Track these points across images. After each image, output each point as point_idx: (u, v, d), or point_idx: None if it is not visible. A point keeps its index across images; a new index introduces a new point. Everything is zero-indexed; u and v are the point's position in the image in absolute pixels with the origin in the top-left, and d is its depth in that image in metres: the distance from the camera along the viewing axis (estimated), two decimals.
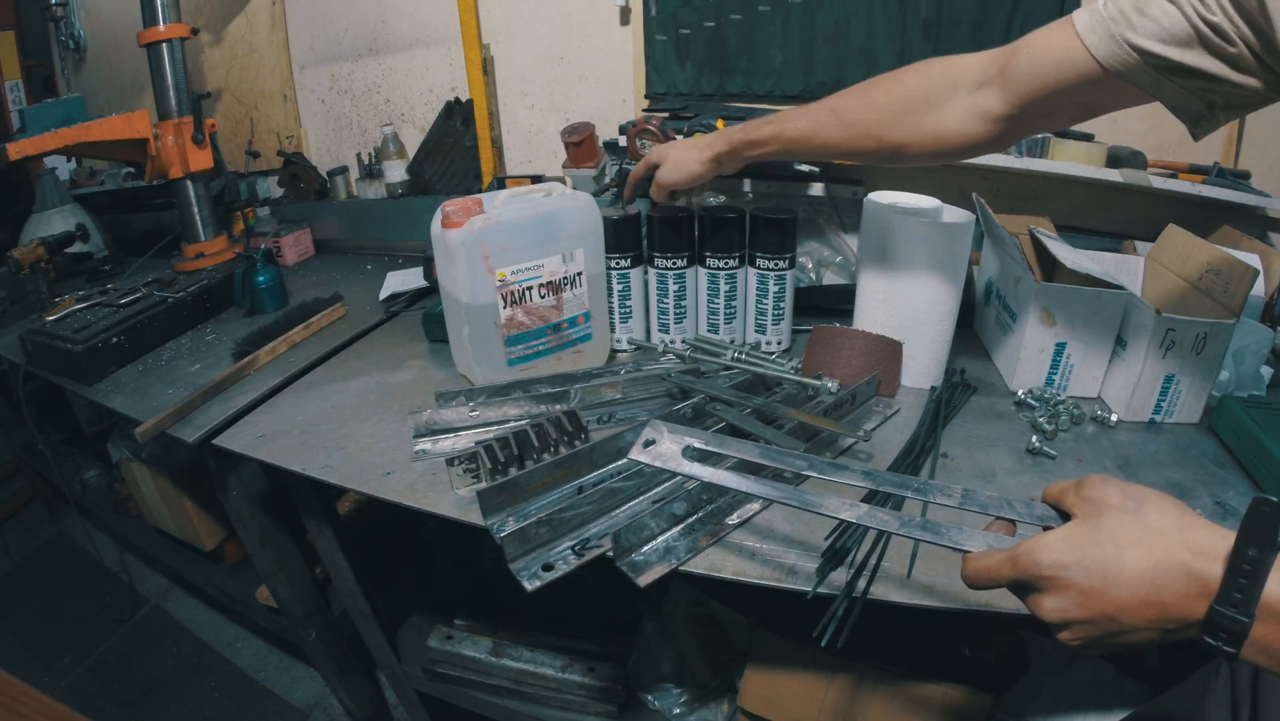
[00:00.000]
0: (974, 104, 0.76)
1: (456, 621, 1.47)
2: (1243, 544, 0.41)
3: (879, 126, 0.82)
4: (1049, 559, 0.47)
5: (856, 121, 0.83)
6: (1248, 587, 0.41)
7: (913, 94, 0.79)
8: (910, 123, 0.80)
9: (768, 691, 1.14)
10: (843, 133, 0.84)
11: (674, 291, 1.21)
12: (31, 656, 2.01)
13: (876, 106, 0.81)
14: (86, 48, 2.32)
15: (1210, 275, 0.98)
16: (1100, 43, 0.65)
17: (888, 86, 0.82)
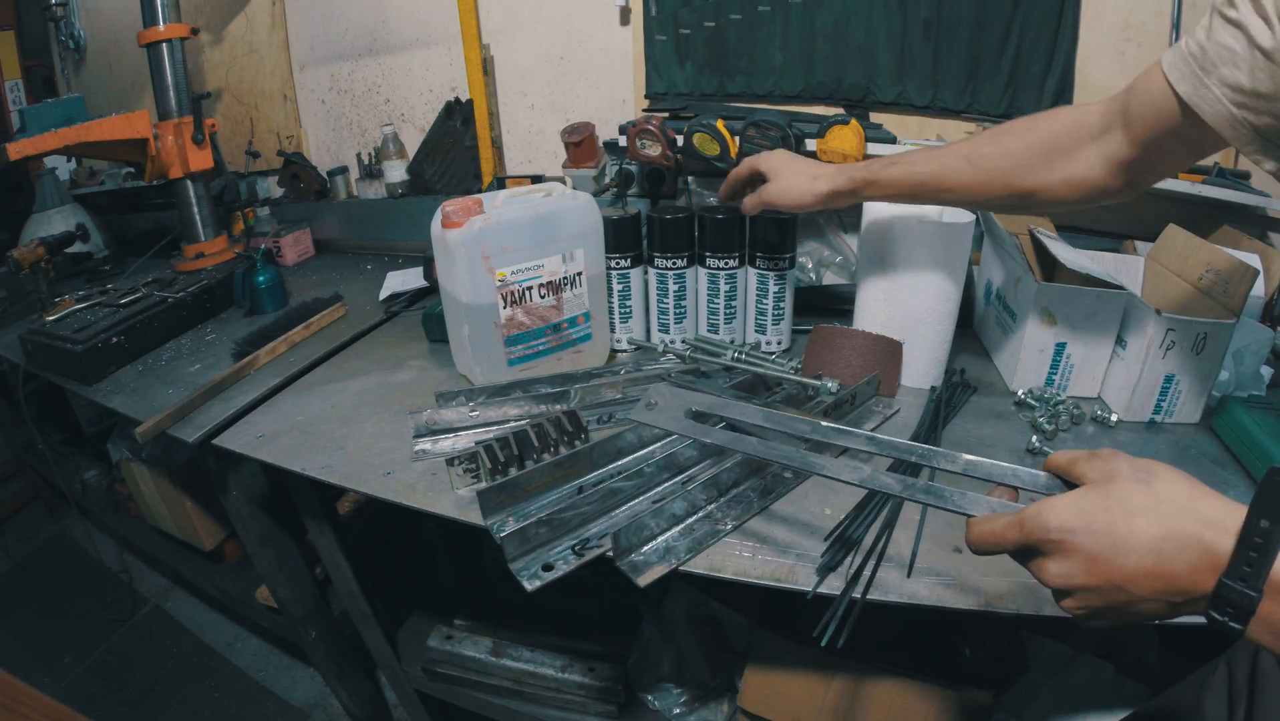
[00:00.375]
0: (1101, 150, 0.76)
1: (456, 621, 1.47)
2: (1255, 515, 0.41)
3: (1011, 172, 0.80)
4: (1057, 521, 0.46)
5: (991, 167, 0.82)
6: (1258, 561, 0.40)
7: (1044, 140, 0.79)
8: (1042, 168, 0.79)
9: (768, 691, 1.14)
10: (975, 177, 0.83)
11: (674, 291, 1.21)
12: (31, 656, 2.01)
13: (1010, 153, 0.80)
14: (86, 48, 2.32)
15: (1210, 275, 0.98)
16: (1182, 79, 0.65)
17: (1018, 133, 0.80)
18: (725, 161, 1.37)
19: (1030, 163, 0.79)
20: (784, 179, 0.97)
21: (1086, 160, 0.76)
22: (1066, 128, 0.77)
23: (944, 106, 1.43)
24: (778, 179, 0.98)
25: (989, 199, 0.84)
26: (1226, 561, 0.42)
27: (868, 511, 0.82)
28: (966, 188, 0.84)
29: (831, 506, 0.85)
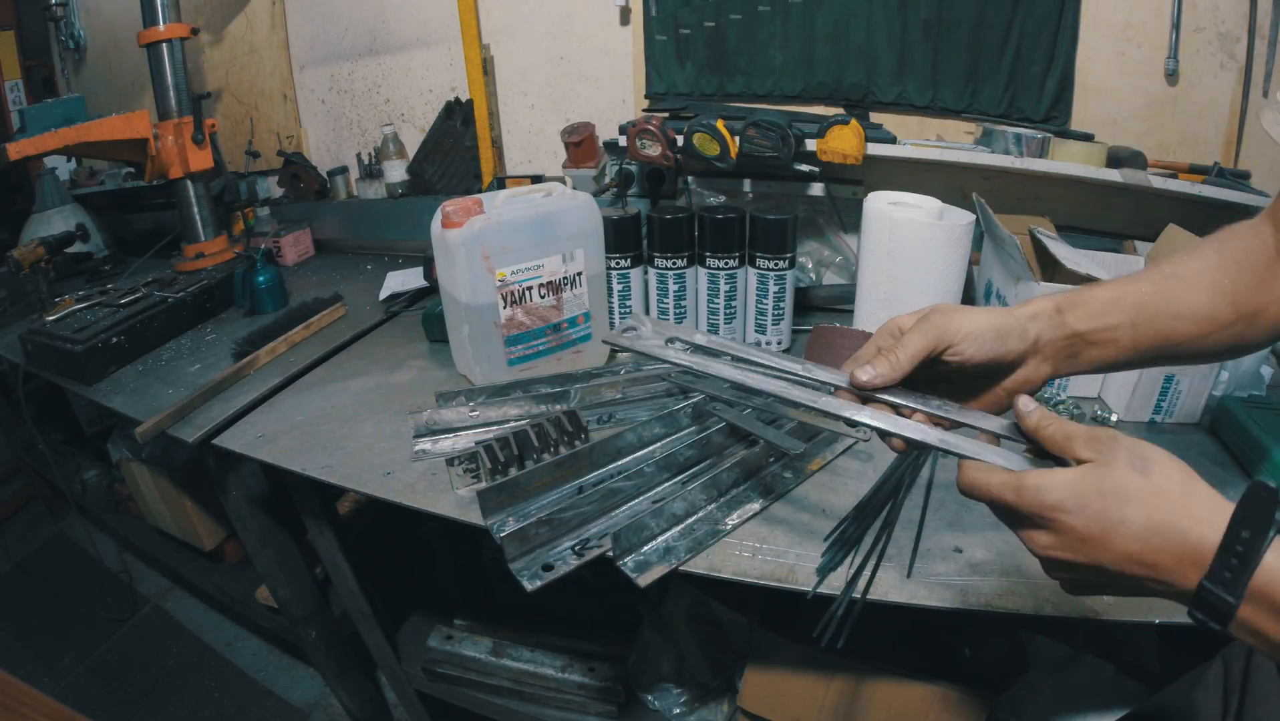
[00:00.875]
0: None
1: (456, 621, 1.47)
2: (1237, 526, 0.42)
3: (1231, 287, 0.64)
4: (1053, 499, 0.47)
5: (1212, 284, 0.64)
6: (1238, 568, 0.41)
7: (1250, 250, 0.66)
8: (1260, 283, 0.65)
9: (768, 691, 1.14)
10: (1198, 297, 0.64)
11: (674, 291, 1.21)
12: (31, 656, 2.01)
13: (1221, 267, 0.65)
14: (86, 48, 2.32)
15: None
16: None
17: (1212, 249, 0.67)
18: (725, 161, 1.37)
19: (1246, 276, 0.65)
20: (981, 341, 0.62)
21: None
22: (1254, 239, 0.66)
23: (944, 106, 1.43)
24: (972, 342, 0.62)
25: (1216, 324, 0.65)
26: (1209, 562, 0.43)
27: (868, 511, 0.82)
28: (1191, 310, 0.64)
29: (831, 506, 0.85)
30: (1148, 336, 0.64)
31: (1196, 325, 0.64)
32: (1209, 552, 0.43)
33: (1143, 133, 1.32)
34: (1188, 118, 1.29)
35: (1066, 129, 1.35)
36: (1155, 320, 0.64)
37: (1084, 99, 1.34)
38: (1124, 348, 0.64)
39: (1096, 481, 0.46)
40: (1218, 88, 1.25)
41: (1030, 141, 1.30)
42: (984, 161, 1.32)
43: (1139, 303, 0.64)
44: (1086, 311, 0.63)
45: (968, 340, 0.59)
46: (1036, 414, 0.53)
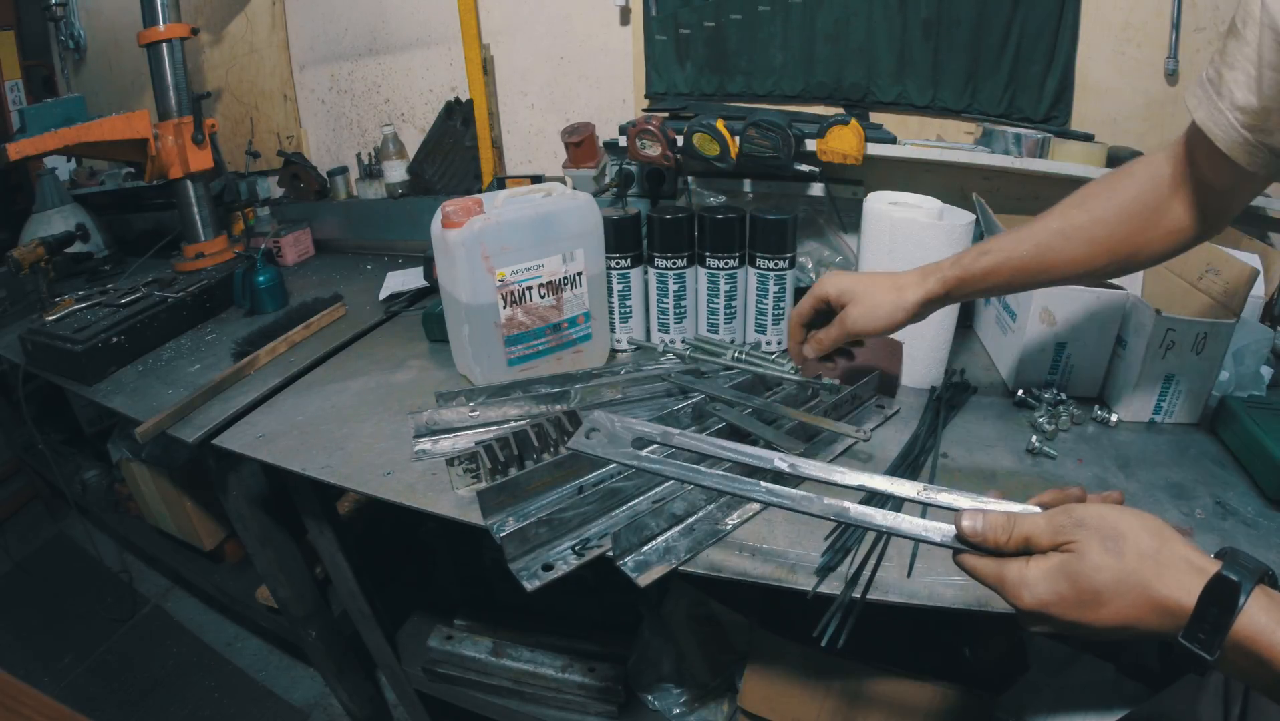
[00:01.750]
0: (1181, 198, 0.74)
1: (456, 621, 1.47)
2: (1204, 603, 0.45)
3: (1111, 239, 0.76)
4: (1030, 600, 0.50)
5: (1089, 237, 0.76)
6: (1211, 632, 0.45)
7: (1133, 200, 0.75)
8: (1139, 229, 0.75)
9: (768, 691, 1.14)
10: (1076, 251, 0.76)
11: (674, 291, 1.21)
12: (31, 656, 2.01)
13: (1104, 219, 0.76)
14: (86, 48, 2.32)
15: (1210, 275, 0.98)
16: (1199, 105, 0.65)
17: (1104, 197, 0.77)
18: (725, 161, 1.37)
19: (1127, 226, 0.75)
20: (864, 302, 0.82)
21: (1174, 212, 0.74)
22: (1146, 184, 0.75)
23: (944, 106, 1.43)
24: (857, 303, 0.82)
25: (1093, 270, 0.78)
26: (1184, 624, 0.46)
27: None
28: (1069, 262, 0.77)
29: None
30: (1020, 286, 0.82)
31: (1070, 272, 0.78)
32: (1185, 614, 0.46)
33: (1143, 133, 1.32)
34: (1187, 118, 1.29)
35: (1066, 129, 1.35)
36: (1031, 277, 0.79)
37: (1084, 99, 1.34)
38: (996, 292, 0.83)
39: (1071, 576, 0.49)
40: None
41: (1030, 141, 1.30)
42: (984, 161, 1.32)
43: (1020, 267, 0.78)
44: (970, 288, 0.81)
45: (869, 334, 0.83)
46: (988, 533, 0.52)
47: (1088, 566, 0.48)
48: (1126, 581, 0.47)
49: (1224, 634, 0.44)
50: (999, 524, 0.52)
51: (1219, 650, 0.44)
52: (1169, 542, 0.48)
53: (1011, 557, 0.52)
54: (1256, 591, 0.44)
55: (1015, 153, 1.31)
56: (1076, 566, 0.48)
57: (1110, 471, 0.90)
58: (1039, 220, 0.79)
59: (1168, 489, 0.86)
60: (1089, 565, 0.48)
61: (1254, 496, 0.84)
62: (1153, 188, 0.74)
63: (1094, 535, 0.49)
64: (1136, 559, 0.47)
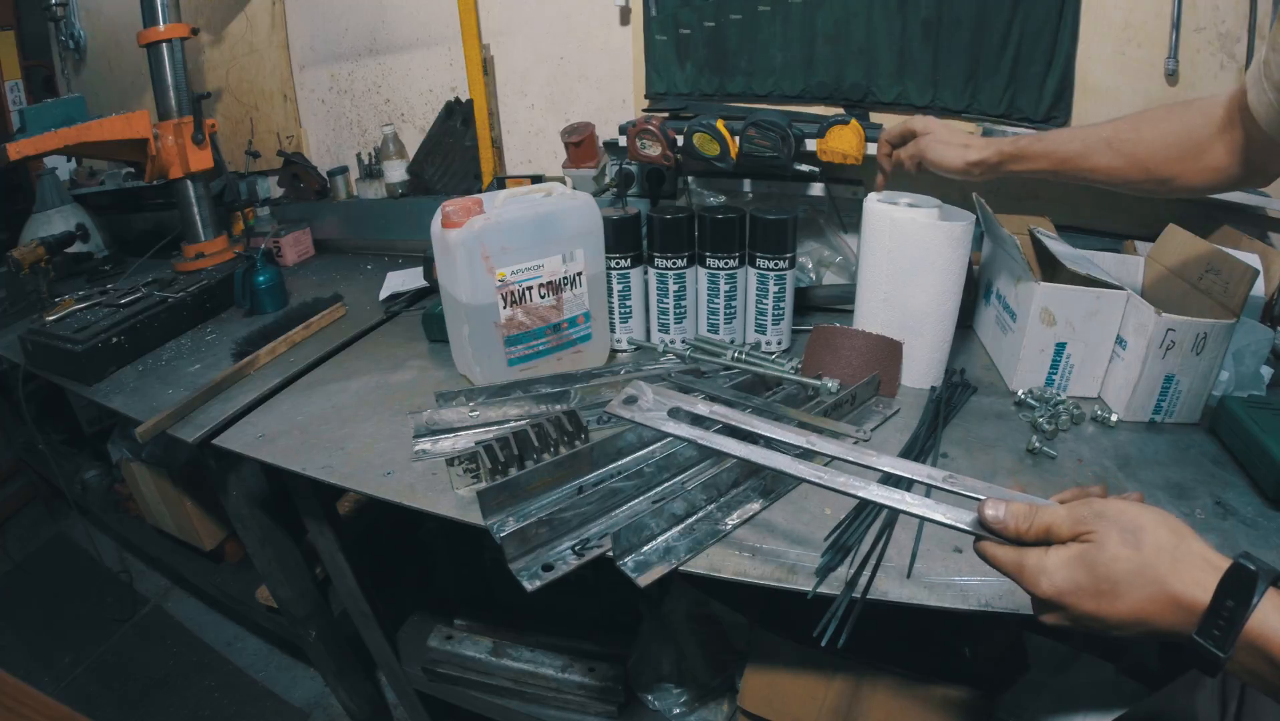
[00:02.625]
0: (1227, 142, 0.81)
1: (456, 621, 1.47)
2: (1221, 595, 0.45)
3: (1150, 160, 0.86)
4: (1048, 587, 0.51)
5: (1131, 153, 0.87)
6: (1225, 628, 0.45)
7: (1180, 132, 0.84)
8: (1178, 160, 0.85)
9: (768, 691, 1.14)
10: (1116, 161, 0.88)
11: (674, 291, 1.21)
12: (31, 656, 2.01)
13: (1149, 141, 0.86)
14: (86, 48, 2.32)
15: (1210, 275, 0.98)
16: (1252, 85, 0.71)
17: (1157, 123, 0.86)
18: (725, 161, 1.37)
19: (1168, 153, 0.85)
20: (941, 138, 1.01)
21: (1216, 153, 0.82)
22: (1201, 121, 0.82)
23: (944, 106, 1.43)
24: (934, 135, 1.02)
25: (1127, 182, 0.89)
26: (1198, 620, 0.46)
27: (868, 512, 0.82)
28: (1107, 169, 0.89)
29: (831, 506, 0.85)
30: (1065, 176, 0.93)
31: (1107, 178, 0.90)
32: (1199, 611, 0.46)
33: None
34: None
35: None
36: (1074, 171, 0.92)
37: (1084, 99, 1.34)
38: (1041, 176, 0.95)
39: (1089, 564, 0.49)
40: (1218, 88, 1.24)
41: None
42: None
43: (1065, 158, 0.92)
44: (1023, 164, 0.95)
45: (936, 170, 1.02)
46: (1010, 521, 0.53)
47: (1106, 556, 0.48)
48: (1143, 574, 0.47)
49: (1238, 629, 0.44)
50: (1021, 512, 0.53)
51: (1232, 647, 0.44)
52: (1186, 539, 0.49)
53: (1031, 546, 0.52)
54: (1271, 592, 0.44)
55: None
56: (1095, 555, 0.49)
57: (1110, 471, 0.90)
58: (1094, 127, 0.90)
59: (1168, 489, 0.86)
60: (1107, 555, 0.48)
61: (1254, 496, 0.84)
62: (1202, 124, 0.82)
63: (1113, 526, 0.49)
64: (1154, 552, 0.48)
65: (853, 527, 0.79)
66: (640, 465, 0.87)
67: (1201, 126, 0.82)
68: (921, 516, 0.56)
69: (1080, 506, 0.52)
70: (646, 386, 0.67)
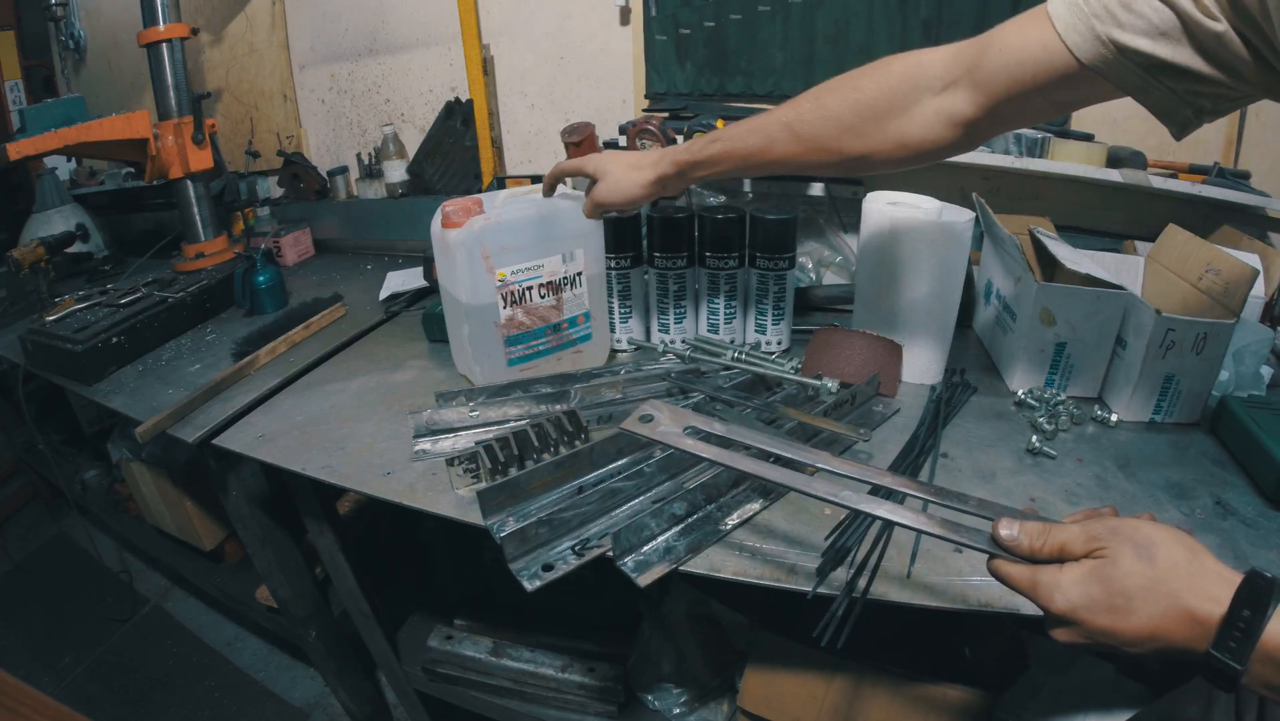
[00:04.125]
0: (940, 107, 0.71)
1: (456, 621, 1.47)
2: (1238, 606, 0.45)
3: (838, 138, 0.75)
4: (1062, 603, 0.50)
5: (815, 135, 0.76)
6: (1241, 640, 0.45)
7: (872, 100, 0.73)
8: (873, 131, 0.73)
9: (768, 691, 1.14)
10: (798, 146, 0.77)
11: (674, 291, 1.21)
12: (31, 656, 2.01)
13: (834, 117, 0.75)
14: (86, 48, 2.32)
15: (1210, 275, 0.98)
16: (1083, 41, 0.61)
17: (843, 94, 0.74)
18: None
19: (858, 125, 0.73)
20: (611, 176, 0.93)
21: (924, 118, 0.71)
22: (900, 83, 0.71)
23: None
24: (606, 178, 0.93)
25: (819, 164, 0.79)
26: (1214, 634, 0.46)
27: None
28: (793, 156, 0.79)
29: (831, 506, 0.85)
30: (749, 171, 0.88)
31: (794, 165, 0.80)
32: (1214, 625, 0.46)
33: (1143, 133, 1.32)
34: None
35: (1066, 129, 1.35)
36: (757, 167, 0.84)
37: None
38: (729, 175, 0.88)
39: (1103, 579, 0.49)
40: None
41: (1030, 141, 1.30)
42: (984, 161, 1.31)
43: (746, 155, 0.82)
44: (701, 172, 0.87)
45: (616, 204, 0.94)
46: (1024, 539, 0.54)
47: (1120, 571, 0.49)
48: (1157, 589, 0.47)
49: (1255, 640, 0.44)
50: (1035, 531, 0.53)
51: (1249, 660, 0.44)
52: (1200, 556, 0.49)
53: (1045, 564, 0.52)
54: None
55: (1015, 152, 1.31)
56: (1109, 571, 0.49)
57: (1110, 471, 0.90)
58: (776, 110, 0.79)
59: (1168, 489, 0.86)
60: (1121, 570, 0.49)
61: (1254, 496, 0.84)
62: (907, 88, 0.71)
63: (1127, 542, 0.49)
64: (1168, 568, 0.48)
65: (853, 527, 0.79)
66: (640, 465, 0.87)
67: (903, 90, 0.70)
68: (939, 536, 0.57)
69: (1094, 524, 0.52)
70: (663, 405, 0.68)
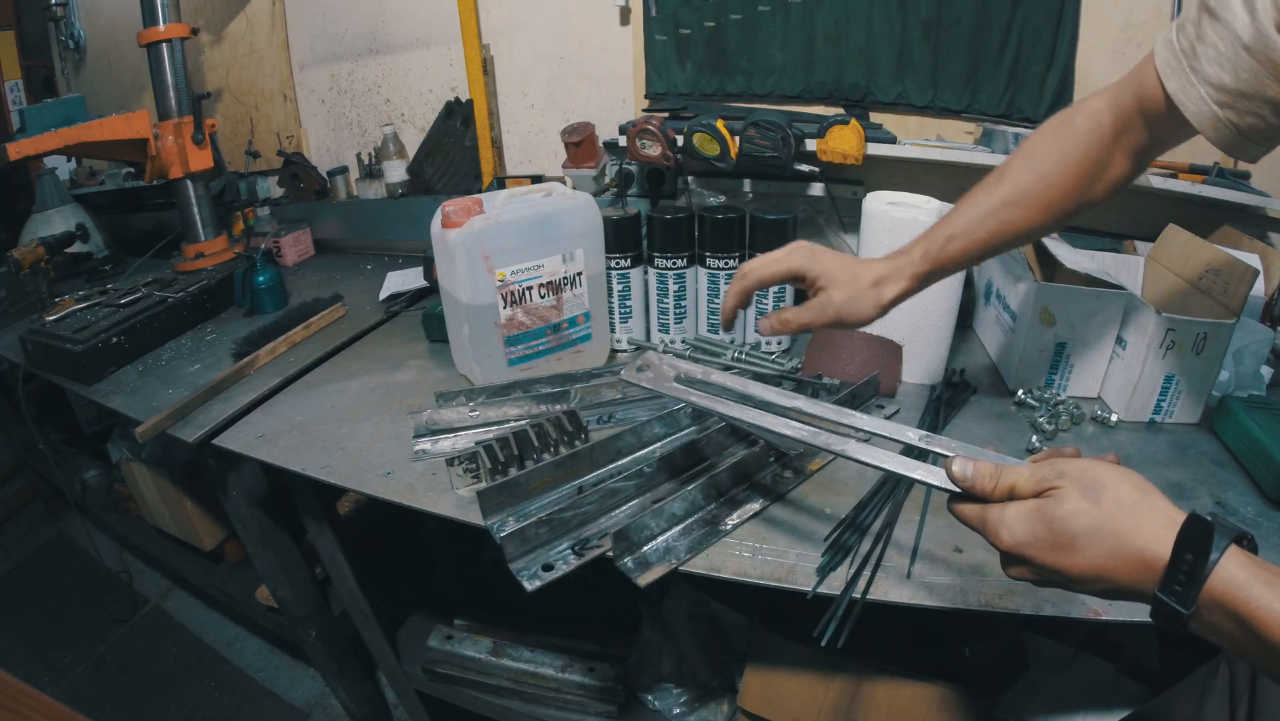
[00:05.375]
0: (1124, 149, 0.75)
1: (456, 621, 1.47)
2: (1180, 549, 0.46)
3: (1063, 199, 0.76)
4: (1008, 538, 0.52)
5: (1041, 203, 0.77)
6: (1186, 583, 0.45)
7: (1080, 158, 0.75)
8: (1088, 185, 0.76)
9: (768, 691, 1.14)
10: (1033, 217, 0.77)
11: (674, 291, 1.21)
12: (31, 656, 2.01)
13: (1054, 182, 0.76)
14: (86, 48, 2.32)
15: (1210, 275, 0.98)
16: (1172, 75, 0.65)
17: (1050, 157, 0.76)
18: (725, 161, 1.36)
19: (1076, 183, 0.76)
20: (841, 287, 0.80)
21: (1117, 163, 0.76)
22: (1091, 138, 0.75)
23: (944, 106, 1.43)
24: (835, 286, 0.80)
25: (1048, 227, 0.80)
26: (1160, 576, 0.47)
27: (868, 511, 0.82)
28: (1029, 228, 0.78)
29: (831, 506, 0.85)
30: (983, 259, 0.82)
31: (1027, 237, 0.80)
32: (1160, 566, 0.47)
33: None
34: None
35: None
36: (993, 250, 0.81)
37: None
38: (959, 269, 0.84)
39: (1047, 518, 0.50)
40: None
41: None
42: (984, 161, 1.32)
43: (983, 241, 0.79)
44: (940, 270, 0.81)
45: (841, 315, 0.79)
46: (976, 479, 0.56)
47: (1064, 510, 0.49)
48: (1102, 528, 0.48)
49: (1200, 585, 0.44)
50: (986, 471, 0.55)
51: (1195, 604, 0.45)
52: (1150, 496, 0.49)
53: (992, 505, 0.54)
54: (1233, 549, 0.45)
55: None
56: (1053, 510, 0.50)
57: None
58: (989, 189, 0.79)
59: (1168, 489, 0.86)
60: (1066, 509, 0.49)
61: (1254, 496, 0.84)
62: (1097, 140, 0.75)
63: (1074, 483, 0.50)
64: (1115, 508, 0.49)
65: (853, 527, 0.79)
66: (640, 465, 0.87)
67: (1096, 142, 0.74)
68: (899, 473, 0.59)
69: (1043, 466, 0.53)
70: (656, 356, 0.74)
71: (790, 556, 0.78)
